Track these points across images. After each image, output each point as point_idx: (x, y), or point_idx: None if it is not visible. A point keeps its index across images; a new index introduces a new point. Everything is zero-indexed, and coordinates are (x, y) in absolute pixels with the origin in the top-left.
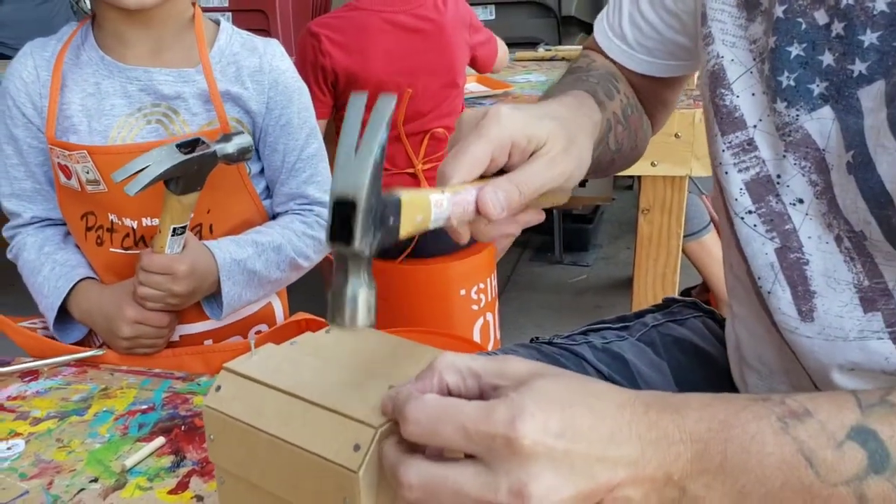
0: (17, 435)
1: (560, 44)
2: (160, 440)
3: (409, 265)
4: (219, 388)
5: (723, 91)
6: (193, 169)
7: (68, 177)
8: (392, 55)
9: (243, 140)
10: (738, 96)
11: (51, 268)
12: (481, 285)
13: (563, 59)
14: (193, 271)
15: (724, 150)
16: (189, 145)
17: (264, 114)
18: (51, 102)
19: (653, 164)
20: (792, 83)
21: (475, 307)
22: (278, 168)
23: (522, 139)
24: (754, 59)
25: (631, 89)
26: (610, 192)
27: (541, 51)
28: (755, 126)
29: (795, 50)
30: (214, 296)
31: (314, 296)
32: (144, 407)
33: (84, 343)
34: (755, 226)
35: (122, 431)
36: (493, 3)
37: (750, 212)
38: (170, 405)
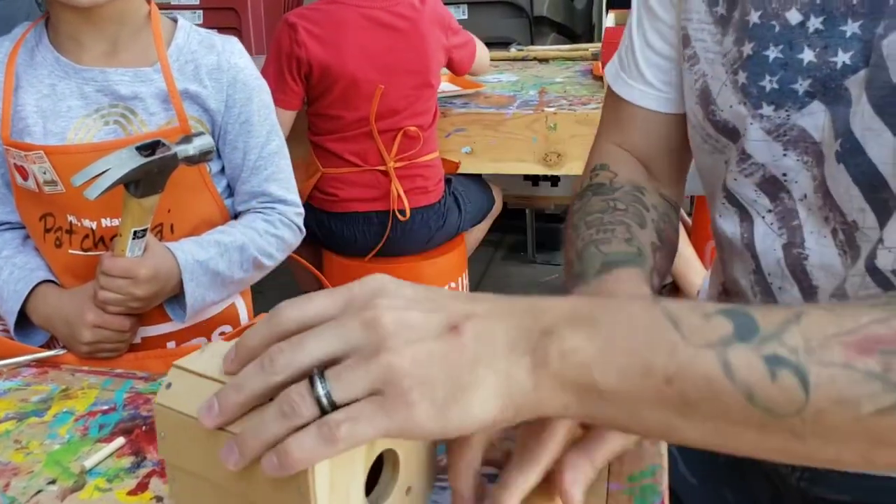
0: None
1: (532, 44)
2: (120, 440)
3: (379, 263)
4: (169, 385)
5: (713, 108)
6: (154, 171)
7: (25, 178)
8: (367, 51)
9: (204, 141)
10: (722, 110)
11: (9, 272)
12: (452, 284)
13: (534, 59)
14: (156, 275)
15: (726, 161)
16: (149, 147)
17: (223, 112)
18: (4, 103)
19: None
20: (775, 86)
21: None
22: (239, 166)
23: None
24: (727, 72)
25: (657, 196)
26: None
27: (513, 51)
28: (742, 136)
29: (773, 53)
30: (177, 298)
31: (281, 296)
32: (105, 407)
33: (47, 346)
34: (772, 224)
35: (83, 432)
36: (466, 2)
37: (769, 210)
38: (131, 405)
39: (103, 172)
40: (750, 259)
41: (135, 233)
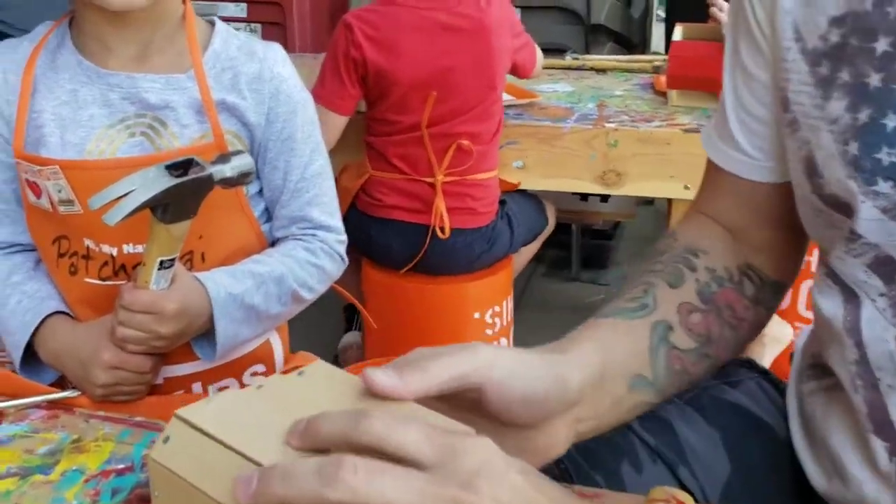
0: None
1: (587, 52)
2: None
3: (418, 282)
4: (167, 439)
5: (820, 181)
6: (185, 194)
7: (38, 195)
8: (425, 54)
9: (243, 161)
10: (830, 183)
11: (17, 300)
12: (497, 308)
13: (591, 68)
14: (184, 310)
15: (835, 239)
16: (180, 167)
17: (264, 127)
18: (20, 110)
19: (686, 188)
20: (894, 160)
21: (489, 332)
22: (279, 188)
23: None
24: (834, 141)
25: (729, 263)
26: (633, 209)
27: (568, 59)
28: (854, 215)
29: (892, 122)
30: (206, 334)
31: (318, 328)
32: (121, 466)
33: (59, 385)
34: (884, 310)
35: (93, 498)
36: (519, 6)
37: (882, 294)
38: None
39: (126, 194)
40: (852, 347)
41: (161, 262)
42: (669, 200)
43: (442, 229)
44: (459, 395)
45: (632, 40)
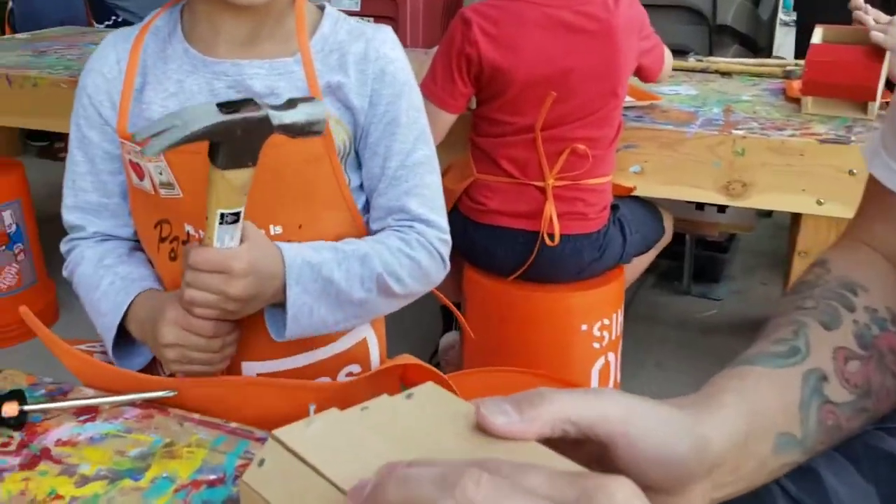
0: (58, 498)
1: (711, 54)
2: None
3: (523, 289)
4: (262, 462)
5: None
6: (237, 135)
7: (140, 177)
8: (546, 54)
9: (314, 109)
10: None
11: (110, 281)
12: (606, 321)
13: (715, 71)
14: (254, 269)
15: None
16: (236, 105)
17: (367, 109)
18: (124, 92)
19: (819, 203)
20: None
21: (597, 345)
22: (377, 175)
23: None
24: None
25: (887, 296)
26: (752, 221)
27: (692, 60)
28: None
29: None
30: (281, 308)
31: (416, 326)
32: (213, 477)
33: (149, 371)
34: None
35: None
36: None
37: None
38: None
39: (171, 127)
40: None
41: (222, 216)
42: (796, 216)
43: (551, 236)
44: (579, 445)
45: (758, 43)
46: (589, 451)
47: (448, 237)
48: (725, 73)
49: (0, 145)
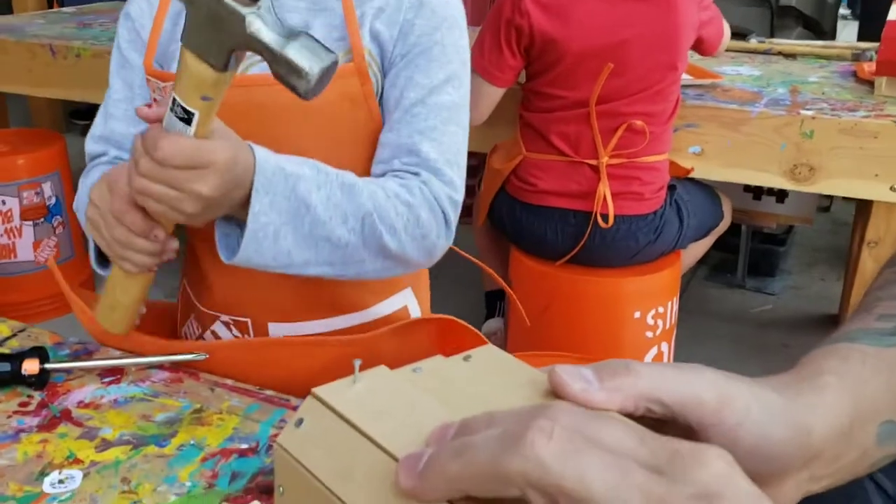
0: (77, 462)
1: (772, 36)
2: None
3: (573, 273)
4: (300, 421)
5: None
6: (203, 12)
7: None
8: (602, 23)
9: (310, 58)
10: None
11: (99, 171)
12: (660, 309)
13: (778, 53)
14: (233, 165)
15: None
16: None
17: (396, 39)
18: (154, 25)
19: (893, 189)
20: None
21: (650, 334)
22: (392, 109)
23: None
24: None
25: None
26: (812, 213)
27: (753, 41)
28: None
29: None
30: (237, 222)
31: (459, 312)
32: (244, 447)
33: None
34: None
35: (209, 481)
36: None
37: None
38: None
39: None
40: None
41: (174, 102)
42: (863, 204)
43: (605, 217)
44: (659, 425)
45: (823, 26)
46: (671, 434)
47: (459, 198)
48: (789, 55)
49: (43, 119)
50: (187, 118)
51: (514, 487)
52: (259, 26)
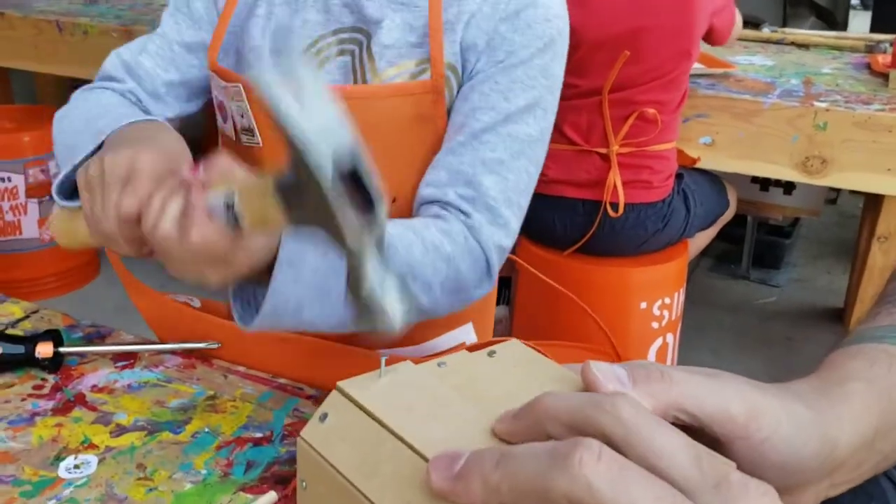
0: (92, 447)
1: (784, 26)
2: (271, 496)
3: (580, 262)
4: (324, 416)
5: None
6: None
7: (224, 119)
8: (619, 12)
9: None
10: None
11: (114, 118)
12: (667, 300)
13: (791, 43)
14: (258, 261)
15: None
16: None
17: (480, 52)
18: (225, 10)
19: None
20: None
21: (655, 325)
22: (458, 127)
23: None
24: None
25: None
26: (819, 206)
27: (766, 31)
28: None
29: None
30: (256, 286)
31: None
32: (259, 435)
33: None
34: None
35: (224, 470)
36: None
37: None
38: (292, 438)
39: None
40: None
41: (231, 196)
42: (872, 198)
43: (615, 206)
44: (684, 431)
45: (836, 16)
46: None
47: (510, 244)
48: (802, 46)
49: (49, 97)
50: (234, 221)
51: None
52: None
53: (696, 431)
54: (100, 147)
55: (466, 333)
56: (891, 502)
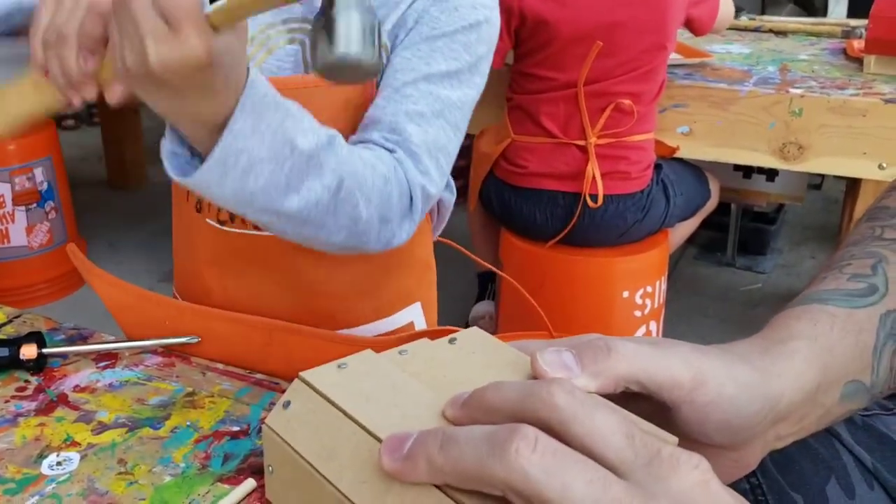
0: (74, 445)
1: (763, 13)
2: (249, 484)
3: (563, 253)
4: (287, 404)
5: None
6: None
7: None
8: (594, 5)
9: (366, 40)
10: None
11: None
12: (649, 288)
13: (769, 30)
14: (224, 63)
15: None
16: None
17: (410, 28)
18: None
19: (881, 167)
20: None
21: (638, 313)
22: (382, 87)
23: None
24: None
25: None
26: (802, 192)
27: (743, 19)
28: None
29: None
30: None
31: (450, 293)
32: (236, 429)
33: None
34: None
35: (202, 462)
36: None
37: None
38: None
39: None
40: None
41: None
42: (853, 183)
43: (594, 197)
44: (635, 398)
45: (814, 3)
46: (645, 406)
47: (433, 193)
48: (780, 33)
49: None
50: None
51: (496, 490)
52: None
53: (646, 398)
54: None
55: (413, 313)
56: (850, 474)
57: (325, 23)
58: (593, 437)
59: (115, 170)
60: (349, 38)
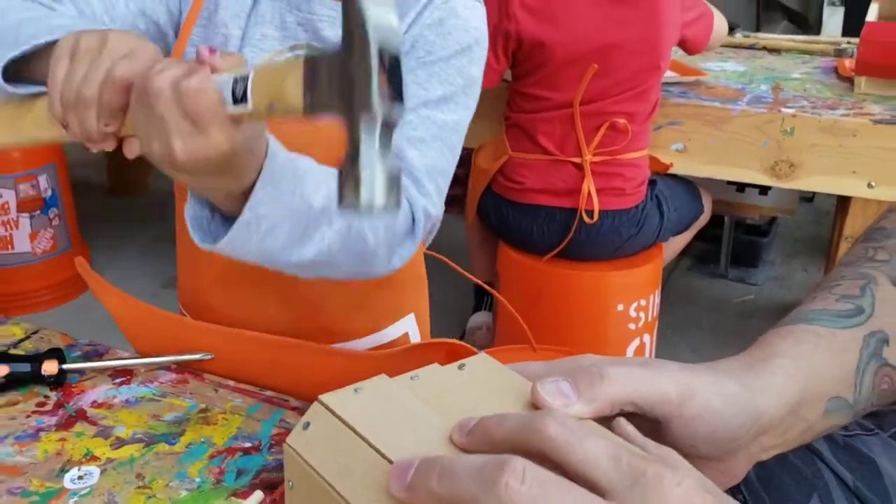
0: (94, 459)
1: (758, 30)
2: (258, 496)
3: (558, 267)
4: (307, 425)
5: None
6: (337, 71)
7: None
8: (588, 26)
9: (391, 192)
10: None
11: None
12: (643, 302)
13: (763, 48)
14: (239, 156)
15: None
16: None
17: (406, 53)
18: (191, 12)
19: (870, 186)
20: None
21: (632, 326)
22: None
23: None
24: None
25: None
26: (794, 205)
27: (738, 36)
28: None
29: None
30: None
31: (447, 305)
32: (248, 445)
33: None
34: None
35: (217, 477)
36: None
37: None
38: (279, 447)
39: None
40: None
41: (244, 79)
42: (843, 200)
43: (589, 213)
44: (629, 417)
45: (808, 20)
46: (639, 423)
47: (434, 214)
48: (773, 50)
49: None
50: (241, 100)
51: None
52: (371, 132)
53: (639, 416)
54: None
55: (407, 325)
56: (832, 493)
57: (350, 170)
58: (584, 463)
59: (117, 176)
60: (373, 191)
